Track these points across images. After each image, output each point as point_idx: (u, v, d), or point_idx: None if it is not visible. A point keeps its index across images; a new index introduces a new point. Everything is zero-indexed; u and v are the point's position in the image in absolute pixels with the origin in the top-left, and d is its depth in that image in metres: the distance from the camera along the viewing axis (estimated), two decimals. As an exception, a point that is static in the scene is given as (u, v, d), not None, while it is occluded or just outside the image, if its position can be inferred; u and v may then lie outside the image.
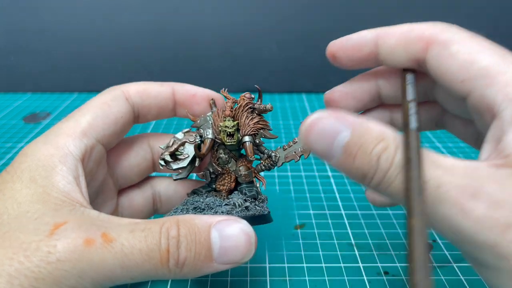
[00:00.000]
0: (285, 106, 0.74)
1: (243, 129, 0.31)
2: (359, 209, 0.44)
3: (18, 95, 0.79)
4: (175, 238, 0.23)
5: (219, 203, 0.30)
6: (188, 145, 0.31)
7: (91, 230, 0.23)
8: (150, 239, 0.23)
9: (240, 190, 0.32)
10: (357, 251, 0.38)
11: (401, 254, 0.38)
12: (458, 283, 0.34)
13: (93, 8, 0.74)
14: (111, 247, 0.22)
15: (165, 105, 0.33)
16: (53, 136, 0.28)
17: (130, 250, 0.22)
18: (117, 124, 0.31)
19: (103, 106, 0.30)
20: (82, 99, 0.77)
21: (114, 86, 0.32)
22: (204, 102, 0.33)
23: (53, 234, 0.22)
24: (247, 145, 0.31)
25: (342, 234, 0.41)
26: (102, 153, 0.30)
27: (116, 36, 0.76)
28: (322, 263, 0.37)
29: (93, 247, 0.22)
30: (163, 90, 0.33)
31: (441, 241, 0.39)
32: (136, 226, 0.23)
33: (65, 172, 0.26)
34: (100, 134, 0.29)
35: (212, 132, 0.31)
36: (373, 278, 0.35)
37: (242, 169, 0.31)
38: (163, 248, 0.23)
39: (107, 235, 0.23)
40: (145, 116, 0.33)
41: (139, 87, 0.32)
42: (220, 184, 0.32)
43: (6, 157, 0.55)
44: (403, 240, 0.40)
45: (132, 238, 0.23)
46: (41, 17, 0.75)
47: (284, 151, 0.32)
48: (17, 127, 0.65)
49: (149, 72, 0.79)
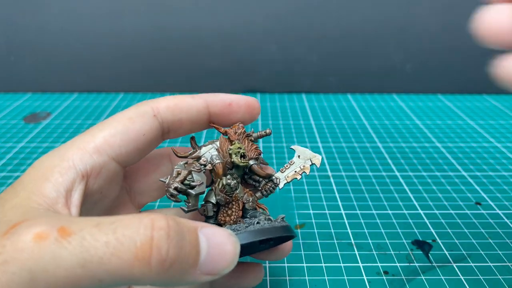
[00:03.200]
0: (285, 106, 0.74)
1: (247, 154, 0.30)
2: (359, 209, 0.44)
3: (18, 95, 0.79)
4: (164, 230, 0.19)
5: (245, 226, 0.28)
6: (195, 173, 0.29)
7: (49, 225, 0.19)
8: (122, 229, 0.19)
9: (252, 215, 0.30)
10: (357, 251, 0.38)
11: (401, 253, 0.38)
12: (458, 283, 0.34)
13: (93, 8, 0.75)
14: (67, 242, 0.18)
15: (198, 118, 0.31)
16: (64, 149, 0.27)
17: (93, 244, 0.18)
18: (138, 142, 0.28)
19: (126, 121, 0.28)
20: (82, 99, 0.77)
21: (144, 101, 0.31)
22: (241, 110, 0.31)
23: (7, 233, 0.19)
24: (255, 167, 0.30)
25: (342, 234, 0.41)
26: (116, 171, 0.28)
27: (116, 36, 0.76)
28: (322, 262, 0.37)
29: (45, 243, 0.18)
30: (195, 103, 0.31)
31: (441, 241, 0.39)
32: (104, 219, 0.20)
33: (58, 183, 0.24)
34: (116, 152, 0.27)
35: (219, 157, 0.29)
36: (373, 277, 0.35)
37: (246, 196, 0.30)
38: (142, 239, 0.19)
39: (65, 228, 0.19)
40: (176, 132, 0.31)
41: (169, 102, 0.30)
42: (226, 215, 0.30)
43: (6, 157, 0.55)
44: (403, 240, 0.40)
45: (98, 231, 0.19)
46: (41, 17, 0.75)
47: (282, 173, 0.31)
48: (17, 127, 0.65)
49: (149, 72, 0.79)
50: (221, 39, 0.76)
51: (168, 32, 0.76)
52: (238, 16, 0.75)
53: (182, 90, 0.79)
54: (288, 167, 0.32)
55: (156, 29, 0.76)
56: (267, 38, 0.76)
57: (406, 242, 0.40)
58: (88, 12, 0.75)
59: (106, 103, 0.75)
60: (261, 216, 0.29)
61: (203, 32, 0.76)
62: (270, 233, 0.27)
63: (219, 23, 0.76)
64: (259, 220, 0.28)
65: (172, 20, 0.75)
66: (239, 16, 0.75)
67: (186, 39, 0.76)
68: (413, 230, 0.41)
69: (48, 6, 0.74)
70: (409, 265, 0.37)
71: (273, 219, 0.29)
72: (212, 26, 0.76)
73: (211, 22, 0.75)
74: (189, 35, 0.76)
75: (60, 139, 0.61)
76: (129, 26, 0.76)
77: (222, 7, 0.75)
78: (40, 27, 0.76)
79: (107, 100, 0.76)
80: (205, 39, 0.76)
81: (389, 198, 0.46)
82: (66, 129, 0.65)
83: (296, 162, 0.32)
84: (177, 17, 0.75)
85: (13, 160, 0.55)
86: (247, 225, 0.28)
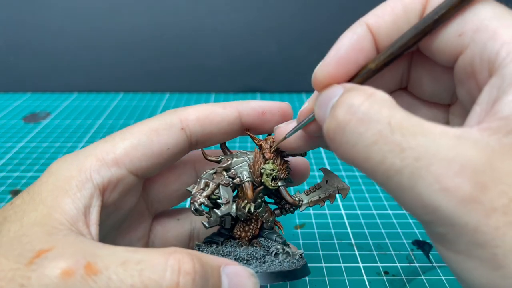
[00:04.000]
0: (285, 106, 0.74)
1: (278, 173, 0.29)
2: (359, 209, 0.44)
3: (18, 95, 0.79)
4: (190, 276, 0.19)
5: (262, 254, 0.28)
6: (222, 188, 0.28)
7: (74, 259, 0.19)
8: (148, 273, 0.19)
9: (268, 237, 0.30)
10: (357, 251, 0.38)
11: (401, 254, 0.38)
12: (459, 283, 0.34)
13: (93, 8, 0.74)
14: (93, 281, 0.18)
15: (229, 130, 0.29)
16: (83, 156, 0.25)
17: (118, 286, 0.18)
18: (161, 156, 0.27)
19: (151, 133, 0.27)
20: (82, 99, 0.77)
21: (173, 109, 0.29)
22: (275, 118, 0.29)
23: (32, 263, 0.19)
24: (283, 189, 0.29)
25: (342, 234, 0.40)
26: (134, 184, 0.27)
27: (116, 36, 0.76)
28: (322, 263, 0.37)
29: (71, 280, 0.18)
30: (227, 114, 0.29)
31: (441, 241, 0.39)
32: (130, 255, 0.20)
33: (77, 198, 0.23)
34: (136, 165, 0.26)
35: (249, 174, 0.28)
36: (373, 278, 0.35)
37: (267, 215, 0.30)
38: (168, 285, 0.19)
39: (91, 265, 0.19)
40: (204, 144, 0.29)
41: (200, 113, 0.28)
42: (243, 231, 0.29)
43: (6, 157, 0.55)
44: (403, 240, 0.40)
45: (123, 271, 0.19)
46: (41, 17, 0.75)
47: (307, 195, 0.30)
48: (17, 127, 0.65)
49: (149, 72, 0.79)
50: (221, 39, 0.76)
51: (168, 32, 0.76)
52: (238, 16, 0.75)
53: (182, 90, 0.79)
54: (313, 190, 0.30)
55: (156, 28, 0.76)
56: (267, 38, 0.76)
57: (406, 242, 0.39)
58: (88, 12, 0.75)
59: (106, 103, 0.75)
60: (279, 246, 0.28)
61: (203, 32, 0.76)
62: (289, 278, 0.26)
63: (219, 23, 0.75)
64: (277, 251, 0.27)
65: (172, 20, 0.75)
66: (239, 16, 0.75)
67: (186, 38, 0.76)
68: (413, 230, 0.41)
69: (47, 6, 0.74)
70: (409, 265, 0.37)
71: (291, 253, 0.28)
72: (212, 26, 0.76)
73: (211, 22, 0.75)
74: (189, 34, 0.76)
75: (60, 139, 0.61)
76: (128, 26, 0.75)
77: (222, 7, 0.75)
78: (40, 27, 0.75)
79: (107, 100, 0.76)
80: (205, 39, 0.76)
81: (389, 198, 0.46)
82: (65, 129, 0.64)
83: (322, 187, 0.30)
84: (177, 17, 0.75)
85: (12, 160, 0.55)
86: (264, 254, 0.27)
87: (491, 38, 0.19)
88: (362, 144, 0.19)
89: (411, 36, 0.22)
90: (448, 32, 0.21)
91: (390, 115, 0.18)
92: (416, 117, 0.18)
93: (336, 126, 0.20)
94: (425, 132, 0.18)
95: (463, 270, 0.18)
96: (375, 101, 0.19)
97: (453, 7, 0.21)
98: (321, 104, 0.22)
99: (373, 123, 0.18)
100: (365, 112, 0.19)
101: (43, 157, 0.56)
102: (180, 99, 0.76)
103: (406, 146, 0.17)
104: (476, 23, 0.20)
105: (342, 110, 0.19)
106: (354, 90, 0.20)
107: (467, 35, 0.20)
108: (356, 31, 0.23)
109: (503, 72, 0.18)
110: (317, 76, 0.23)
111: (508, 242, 0.16)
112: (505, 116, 0.17)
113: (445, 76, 0.24)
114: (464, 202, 0.16)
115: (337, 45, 0.23)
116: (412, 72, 0.26)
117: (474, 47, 0.20)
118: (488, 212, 0.16)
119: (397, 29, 0.23)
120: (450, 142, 0.17)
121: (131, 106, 0.73)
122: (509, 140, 0.17)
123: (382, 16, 0.23)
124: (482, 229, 0.16)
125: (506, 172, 0.16)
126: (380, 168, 0.18)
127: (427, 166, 0.17)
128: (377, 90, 0.20)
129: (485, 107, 0.19)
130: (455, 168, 0.16)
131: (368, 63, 0.23)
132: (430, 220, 0.18)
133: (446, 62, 0.23)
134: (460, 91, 0.23)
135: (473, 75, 0.21)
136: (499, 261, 0.16)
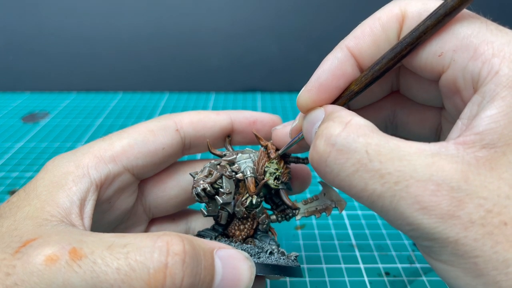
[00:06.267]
0: (285, 106, 0.74)
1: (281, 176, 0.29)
2: (360, 209, 0.44)
3: (17, 94, 0.78)
4: (179, 256, 0.19)
5: (256, 251, 0.27)
6: (225, 179, 0.28)
7: (60, 245, 0.19)
8: (135, 255, 0.18)
9: (261, 239, 0.29)
10: (358, 252, 0.38)
11: (402, 254, 0.38)
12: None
13: (92, 8, 0.74)
14: (78, 266, 0.18)
15: (221, 134, 0.31)
16: (81, 153, 0.26)
17: (103, 269, 0.18)
18: (156, 156, 0.28)
19: (147, 133, 0.28)
20: (80, 99, 0.76)
21: (167, 114, 0.30)
22: (265, 128, 0.31)
23: (18, 252, 0.19)
24: (283, 192, 0.30)
25: (342, 235, 0.40)
26: (129, 182, 0.28)
27: (115, 35, 0.76)
28: (323, 264, 0.36)
29: (55, 266, 0.18)
30: (219, 120, 0.30)
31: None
32: (117, 240, 0.19)
33: (72, 192, 0.24)
34: (132, 163, 0.27)
35: (253, 171, 0.29)
36: (374, 279, 0.35)
37: (264, 217, 0.30)
38: (156, 266, 0.18)
39: (77, 250, 0.18)
40: (198, 147, 0.31)
41: (193, 117, 0.30)
42: (238, 229, 0.29)
43: (5, 157, 0.55)
44: (404, 240, 0.40)
45: (109, 255, 0.18)
46: (40, 17, 0.75)
47: (304, 205, 0.31)
48: (16, 127, 0.65)
49: (148, 72, 0.78)
50: (221, 38, 0.76)
51: (167, 31, 0.76)
52: (238, 15, 0.75)
53: (181, 89, 0.79)
54: (311, 201, 0.31)
55: (155, 28, 0.75)
56: (267, 37, 0.76)
57: (407, 243, 0.39)
58: (87, 12, 0.74)
59: (105, 103, 0.74)
60: (273, 246, 0.28)
61: (203, 31, 0.76)
62: (285, 273, 0.26)
63: (219, 22, 0.75)
64: (272, 250, 0.27)
65: (171, 19, 0.75)
66: (239, 15, 0.75)
67: (185, 38, 0.76)
68: (414, 230, 0.41)
69: (46, 5, 0.74)
70: (410, 266, 0.36)
71: (286, 253, 0.28)
72: (212, 25, 0.75)
73: (211, 22, 0.75)
74: (189, 34, 0.76)
75: (59, 139, 0.61)
76: (127, 25, 0.75)
77: (222, 7, 0.74)
78: (39, 27, 0.75)
79: (106, 99, 0.76)
80: (205, 38, 0.76)
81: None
82: (64, 128, 0.64)
83: (320, 199, 0.31)
84: (176, 16, 0.75)
85: (11, 160, 0.54)
86: (258, 251, 0.27)
87: (471, 58, 0.20)
88: (344, 173, 0.20)
89: (389, 58, 0.22)
90: (428, 53, 0.22)
91: (367, 143, 0.19)
92: (392, 140, 0.19)
93: (318, 158, 0.21)
94: (401, 156, 0.19)
95: (449, 278, 0.19)
96: (351, 130, 0.20)
97: (428, 30, 0.21)
98: (306, 129, 0.24)
99: (351, 153, 0.19)
100: (342, 143, 0.20)
101: (42, 157, 0.55)
102: (180, 99, 0.76)
103: (385, 172, 0.18)
104: (455, 42, 0.21)
105: (321, 142, 0.20)
106: (331, 119, 0.21)
107: (447, 55, 0.21)
108: (337, 56, 0.24)
109: (484, 89, 0.19)
110: (300, 101, 0.24)
111: (487, 251, 0.17)
112: (480, 131, 0.18)
113: (432, 87, 0.24)
114: (443, 218, 0.18)
115: (318, 71, 0.24)
116: (401, 82, 0.27)
117: (456, 67, 0.21)
118: (466, 225, 0.17)
119: (378, 48, 0.23)
120: (425, 161, 0.18)
121: (131, 105, 0.73)
122: (483, 154, 0.18)
123: (362, 37, 0.23)
124: (462, 241, 0.17)
125: (481, 185, 0.18)
126: (363, 194, 0.19)
127: (406, 188, 0.18)
128: (353, 116, 0.21)
129: (466, 122, 0.20)
130: (431, 187, 0.18)
131: (351, 84, 0.24)
132: (416, 235, 0.19)
133: (430, 78, 0.23)
134: (447, 104, 0.24)
135: (457, 92, 0.21)
136: (480, 270, 0.17)
